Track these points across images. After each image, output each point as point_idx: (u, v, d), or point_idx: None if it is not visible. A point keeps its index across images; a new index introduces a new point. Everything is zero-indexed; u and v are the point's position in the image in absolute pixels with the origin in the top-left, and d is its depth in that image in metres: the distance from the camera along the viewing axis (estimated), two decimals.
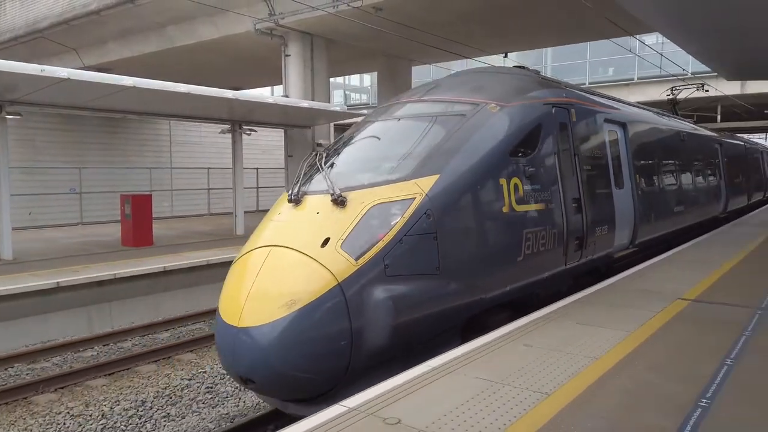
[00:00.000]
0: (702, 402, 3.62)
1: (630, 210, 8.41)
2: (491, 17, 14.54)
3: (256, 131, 15.58)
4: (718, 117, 26.85)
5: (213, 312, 10.03)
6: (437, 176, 5.08)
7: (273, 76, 19.51)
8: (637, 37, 19.08)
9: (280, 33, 15.95)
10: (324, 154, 5.71)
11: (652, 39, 23.95)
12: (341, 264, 4.47)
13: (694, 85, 18.30)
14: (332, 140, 30.90)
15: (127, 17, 17.14)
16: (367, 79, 40.87)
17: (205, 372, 7.54)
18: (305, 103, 14.05)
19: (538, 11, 13.79)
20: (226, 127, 14.69)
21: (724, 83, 21.39)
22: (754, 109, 25.69)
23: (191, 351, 8.28)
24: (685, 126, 13.18)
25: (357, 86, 44.39)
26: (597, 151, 7.68)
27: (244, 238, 13.32)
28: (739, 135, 23.49)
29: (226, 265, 10.81)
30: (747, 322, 5.44)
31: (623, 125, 8.71)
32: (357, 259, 4.51)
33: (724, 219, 15.17)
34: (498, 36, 16.71)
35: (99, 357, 8.36)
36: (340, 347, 4.36)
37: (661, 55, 21.11)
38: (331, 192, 4.92)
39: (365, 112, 17.73)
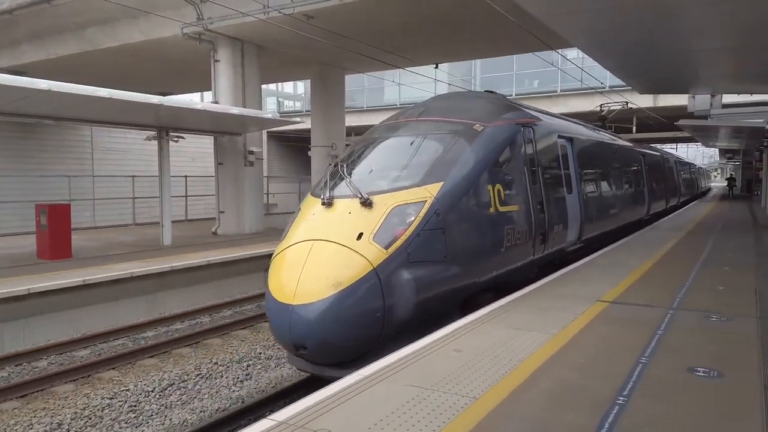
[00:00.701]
0: (619, 400, 3.80)
1: (577, 212, 9.79)
2: (422, 29, 14.82)
3: (184, 138, 15.10)
4: (634, 128, 28.53)
5: (138, 326, 9.63)
6: (442, 183, 6.29)
7: (203, 81, 19.01)
8: (560, 51, 20.02)
9: (209, 38, 15.59)
10: (343, 165, 6.73)
11: (574, 53, 25.16)
12: (375, 253, 5.59)
13: (620, 103, 20.54)
14: (265, 148, 30.46)
15: (43, 17, 16.25)
16: (301, 87, 40.62)
17: (128, 390, 7.20)
18: (236, 110, 13.77)
19: (466, 24, 14.19)
20: (152, 133, 14.16)
21: (638, 96, 22.75)
22: (666, 120, 27.46)
23: (113, 368, 7.89)
24: (617, 140, 15.30)
25: (291, 93, 43.99)
26: (553, 162, 9.12)
27: (171, 249, 12.88)
28: (652, 145, 25.06)
29: (152, 277, 10.45)
30: (660, 321, 5.78)
31: (570, 140, 10.10)
32: (386, 248, 5.64)
33: (647, 221, 16.89)
34: (429, 47, 17.05)
35: (10, 378, 7.80)
36: (375, 319, 5.48)
37: (582, 69, 22.22)
38: (360, 196, 6.02)
39: (298, 119, 17.61)
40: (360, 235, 5.72)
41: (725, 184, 41.05)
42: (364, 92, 37.13)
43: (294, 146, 36.27)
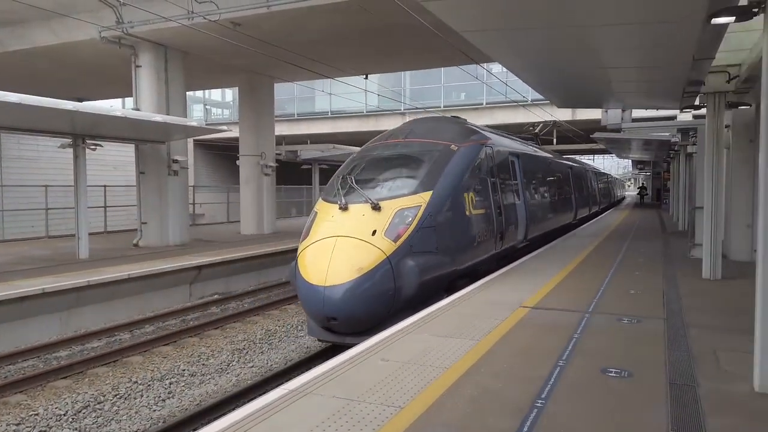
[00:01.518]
0: (538, 403, 3.95)
1: (524, 215, 11.70)
2: (350, 40, 14.90)
3: (102, 146, 14.39)
4: (554, 140, 29.88)
5: (50, 346, 9.01)
6: (431, 191, 7.94)
7: (124, 87, 18.23)
8: (484, 65, 20.71)
9: (129, 42, 14.99)
10: (350, 177, 8.27)
11: (498, 68, 26.09)
12: (387, 245, 7.17)
13: (551, 122, 23.10)
14: (191, 156, 29.51)
15: None
16: (230, 94, 39.73)
17: (37, 414, 6.73)
18: (158, 117, 13.28)
19: (394, 37, 14.39)
20: (67, 141, 13.40)
21: (558, 109, 23.86)
22: (583, 133, 28.96)
23: (21, 392, 7.36)
24: (550, 155, 17.80)
25: (219, 101, 42.91)
26: (506, 175, 11.05)
27: (89, 263, 12.21)
28: (571, 156, 26.40)
29: (67, 292, 9.83)
30: (577, 325, 6.06)
31: (517, 156, 12.12)
32: (395, 241, 7.23)
33: (574, 225, 19.17)
34: (358, 58, 17.17)
35: None
36: (388, 297, 7.06)
37: (506, 84, 23.07)
38: (371, 202, 7.62)
39: (225, 127, 17.21)
40: (374, 232, 7.29)
41: (637, 193, 43.99)
42: (295, 101, 36.85)
43: (222, 155, 35.38)
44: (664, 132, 16.38)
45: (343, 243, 7.17)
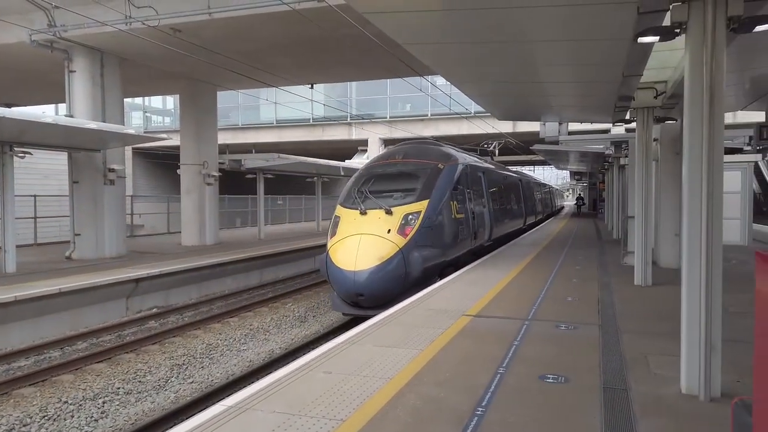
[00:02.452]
0: (478, 410, 4.01)
1: (489, 220, 14.39)
2: (294, 49, 14.81)
3: (31, 154, 13.68)
4: (497, 151, 30.63)
5: None
6: (428, 200, 10.34)
7: (57, 92, 17.41)
8: (428, 78, 21.03)
9: (63, 47, 14.36)
10: (364, 189, 10.65)
11: (443, 80, 26.59)
12: (399, 240, 9.47)
13: (501, 141, 25.68)
14: (129, 165, 28.50)
15: None
16: (171, 102, 38.67)
17: None
18: (93, 125, 12.74)
19: (338, 48, 14.40)
20: None
21: (499, 122, 24.48)
22: (524, 145, 29.85)
23: None
24: (505, 169, 21.04)
25: (159, 108, 41.66)
26: (477, 187, 13.63)
27: (16, 277, 11.55)
28: (512, 167, 27.23)
29: None
30: (517, 332, 6.21)
31: (483, 171, 14.90)
32: (405, 238, 9.53)
33: (525, 229, 22.23)
34: (302, 67, 17.08)
35: None
36: (400, 279, 9.33)
37: (450, 96, 23.52)
38: (385, 208, 10.01)
39: (164, 135, 16.70)
40: (389, 230, 9.66)
41: (575, 203, 46.21)
42: (239, 109, 36.28)
43: (163, 164, 34.32)
44: (598, 145, 17.10)
45: (366, 239, 9.56)
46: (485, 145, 27.66)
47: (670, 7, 4.39)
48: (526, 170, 42.86)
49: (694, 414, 3.98)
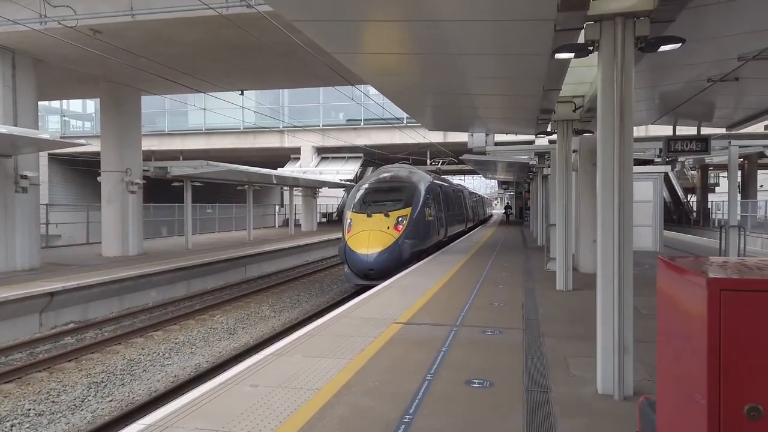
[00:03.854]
0: (406, 418, 4.04)
1: (444, 222, 19.02)
2: (222, 55, 14.48)
3: None
4: (428, 160, 31.19)
5: None
6: (411, 207, 14.78)
7: None
8: (361, 87, 21.16)
9: None
10: (367, 198, 15.08)
11: (375, 89, 26.80)
12: (395, 234, 13.98)
13: (448, 159, 30.20)
14: (45, 172, 26.91)
15: None
16: (92, 105, 36.82)
17: None
18: (3, 128, 11.92)
19: (268, 54, 14.15)
20: None
21: (431, 132, 24.94)
22: (454, 155, 30.57)
23: None
24: (453, 183, 27.19)
25: (79, 112, 39.58)
26: (438, 198, 18.08)
27: None
28: (446, 178, 27.88)
29: None
30: (445, 339, 6.31)
31: (440, 186, 19.53)
32: (398, 232, 14.02)
33: (467, 230, 27.61)
34: (232, 74, 16.74)
35: None
36: (396, 259, 13.75)
37: (382, 106, 23.73)
38: (384, 212, 14.39)
39: (83, 141, 15.83)
40: (388, 227, 13.89)
41: (503, 212, 48.59)
42: (166, 115, 35.07)
43: (83, 171, 32.58)
44: (523, 155, 17.77)
45: (373, 233, 13.97)
46: (433, 164, 33.33)
47: (584, 25, 4.63)
48: (457, 179, 44.90)
49: (609, 413, 4.18)
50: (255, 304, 14.15)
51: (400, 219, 14.35)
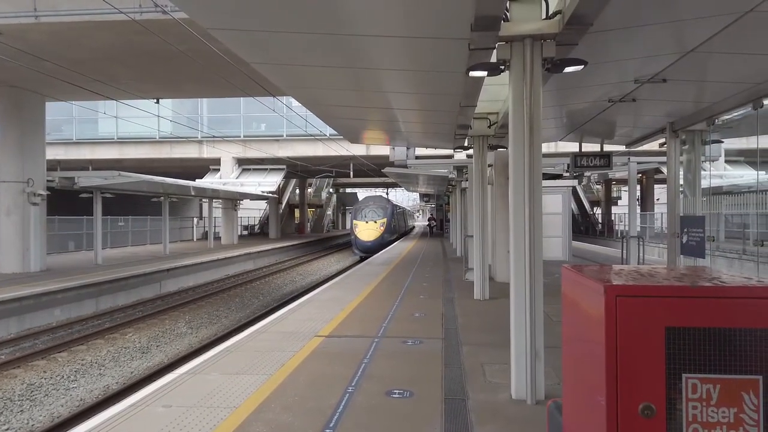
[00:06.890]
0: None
1: (396, 228, 38.47)
2: (135, 61, 13.88)
3: None
4: (351, 173, 31.37)
5: None
6: (386, 218, 31.88)
7: None
8: (282, 99, 20.96)
9: None
10: (363, 212, 31.92)
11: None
12: (380, 231, 31.24)
13: (399, 186, 45.35)
14: None
15: None
16: None
17: None
18: None
19: (185, 62, 13.72)
20: None
21: (353, 144, 25.06)
22: (377, 167, 30.88)
23: None
24: (402, 206, 52.22)
25: None
26: (395, 214, 36.44)
27: None
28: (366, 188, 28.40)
29: None
30: (366, 350, 6.33)
31: (395, 207, 39.96)
32: (382, 230, 31.31)
33: (404, 233, 44.62)
34: (145, 81, 16.07)
35: None
36: (380, 244, 30.37)
37: (305, 119, 23.60)
38: (374, 220, 31.42)
39: None
40: (376, 228, 30.74)
41: (426, 223, 54.76)
42: (74, 122, 33.08)
43: None
44: (443, 169, 18.23)
45: (369, 230, 30.09)
46: (383, 189, 45.32)
47: (496, 46, 4.86)
48: (380, 192, 53.31)
49: (522, 417, 4.35)
50: (170, 320, 13.56)
51: (381, 224, 30.29)
